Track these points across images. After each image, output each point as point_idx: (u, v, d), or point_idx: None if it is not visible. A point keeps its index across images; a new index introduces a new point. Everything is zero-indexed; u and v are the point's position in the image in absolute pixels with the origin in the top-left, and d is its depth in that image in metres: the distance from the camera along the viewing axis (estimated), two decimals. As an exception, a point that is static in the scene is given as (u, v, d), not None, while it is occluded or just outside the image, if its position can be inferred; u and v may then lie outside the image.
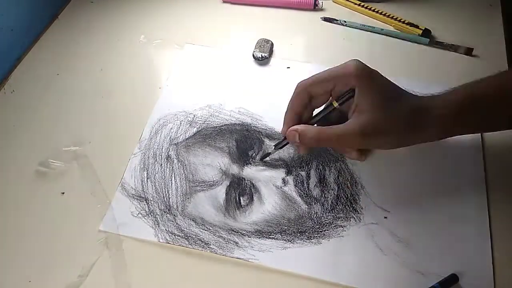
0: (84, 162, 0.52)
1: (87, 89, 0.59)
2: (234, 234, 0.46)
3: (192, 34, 0.66)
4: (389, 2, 0.69)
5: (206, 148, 0.53)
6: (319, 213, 0.47)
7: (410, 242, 0.45)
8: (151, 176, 0.50)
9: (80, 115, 0.57)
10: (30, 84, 0.60)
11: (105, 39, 0.66)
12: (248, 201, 0.48)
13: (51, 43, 0.65)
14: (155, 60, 0.64)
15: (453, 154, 0.52)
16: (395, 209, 0.48)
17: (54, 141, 0.54)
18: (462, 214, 0.47)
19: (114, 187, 0.50)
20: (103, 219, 0.47)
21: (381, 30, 0.66)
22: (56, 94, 0.59)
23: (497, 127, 0.48)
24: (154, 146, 0.53)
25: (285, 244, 0.45)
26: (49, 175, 0.51)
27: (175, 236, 0.46)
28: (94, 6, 0.71)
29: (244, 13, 0.69)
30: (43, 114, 0.57)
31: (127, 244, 0.46)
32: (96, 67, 0.62)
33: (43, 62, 0.63)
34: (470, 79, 0.54)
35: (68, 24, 0.68)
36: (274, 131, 0.54)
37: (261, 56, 0.61)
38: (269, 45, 0.63)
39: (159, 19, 0.69)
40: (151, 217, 0.47)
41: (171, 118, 0.56)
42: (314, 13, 0.69)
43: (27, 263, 0.45)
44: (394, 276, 0.43)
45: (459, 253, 0.45)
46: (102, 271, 0.44)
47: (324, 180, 0.50)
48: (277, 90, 0.59)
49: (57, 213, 0.48)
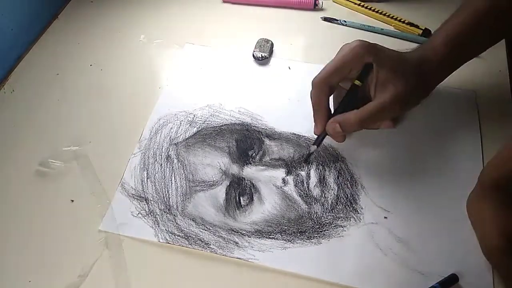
0: (84, 162, 0.52)
1: (87, 89, 0.59)
2: (234, 234, 0.46)
3: (192, 34, 0.66)
4: (389, 2, 0.69)
5: (206, 148, 0.53)
6: (319, 213, 0.47)
7: (410, 242, 0.45)
8: (151, 176, 0.50)
9: (80, 115, 0.57)
10: (30, 84, 0.60)
11: (105, 39, 0.66)
12: (248, 201, 0.48)
13: (51, 43, 0.65)
14: (155, 60, 0.64)
15: (451, 153, 0.52)
16: (395, 209, 0.48)
17: (54, 141, 0.54)
18: (461, 214, 0.47)
19: (114, 187, 0.50)
20: (103, 219, 0.47)
21: (381, 30, 0.66)
22: (56, 94, 0.59)
23: (480, 49, 0.54)
24: (154, 146, 0.53)
25: (285, 244, 0.45)
26: (49, 175, 0.51)
27: (175, 236, 0.46)
28: (94, 6, 0.71)
29: (244, 13, 0.69)
30: (43, 114, 0.57)
31: (127, 244, 0.46)
32: (96, 67, 0.62)
33: (43, 62, 0.63)
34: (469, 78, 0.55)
35: (68, 24, 0.68)
36: (274, 130, 0.54)
37: (261, 56, 0.62)
38: (269, 45, 0.63)
39: (159, 19, 0.69)
40: (151, 217, 0.47)
41: (171, 118, 0.56)
42: (314, 13, 0.69)
43: (27, 263, 0.45)
44: (394, 276, 0.43)
45: (459, 252, 0.45)
46: (102, 271, 0.44)
47: (324, 180, 0.50)
48: (277, 89, 0.59)
49: (57, 213, 0.48)
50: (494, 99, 0.57)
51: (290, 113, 0.56)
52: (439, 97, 0.57)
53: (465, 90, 0.58)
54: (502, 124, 0.55)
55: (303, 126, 0.54)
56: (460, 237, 0.46)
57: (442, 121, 0.55)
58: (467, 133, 0.54)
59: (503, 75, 0.60)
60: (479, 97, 0.57)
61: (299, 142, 0.53)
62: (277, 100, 0.58)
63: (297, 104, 0.57)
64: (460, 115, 0.56)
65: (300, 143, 0.53)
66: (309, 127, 0.54)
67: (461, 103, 0.57)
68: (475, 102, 0.57)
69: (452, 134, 0.54)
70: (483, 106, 0.56)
